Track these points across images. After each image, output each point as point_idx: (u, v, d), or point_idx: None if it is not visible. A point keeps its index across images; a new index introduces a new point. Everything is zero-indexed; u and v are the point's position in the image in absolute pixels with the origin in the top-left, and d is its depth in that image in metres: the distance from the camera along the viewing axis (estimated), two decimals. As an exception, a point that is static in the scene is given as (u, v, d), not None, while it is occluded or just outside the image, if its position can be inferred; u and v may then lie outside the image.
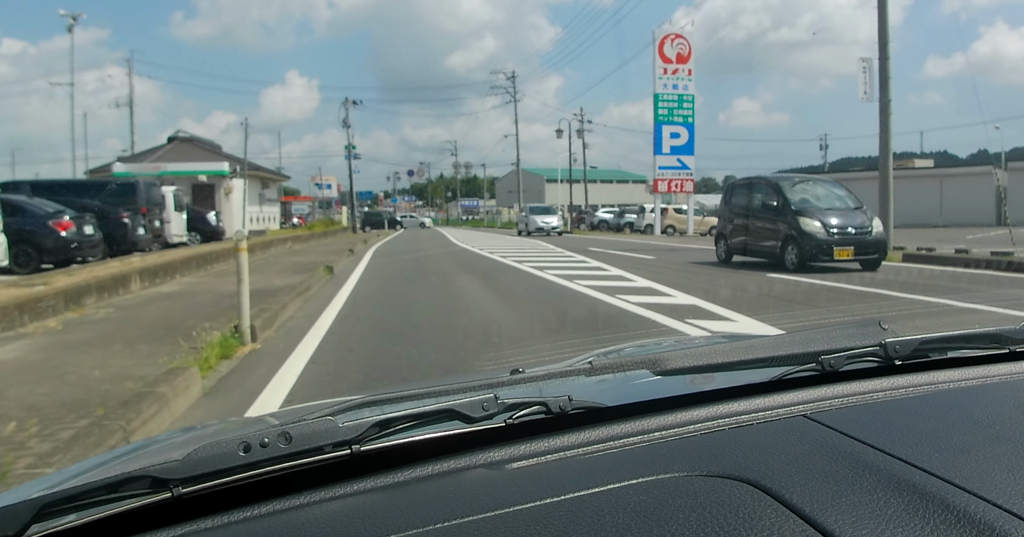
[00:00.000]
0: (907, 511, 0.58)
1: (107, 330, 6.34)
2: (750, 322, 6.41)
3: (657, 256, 15.59)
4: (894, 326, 1.06)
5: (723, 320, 6.62)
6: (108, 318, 7.14)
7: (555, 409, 0.81)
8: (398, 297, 9.61)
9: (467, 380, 0.91)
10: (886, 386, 0.93)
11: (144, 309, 7.85)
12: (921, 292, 8.27)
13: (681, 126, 32.36)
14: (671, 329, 6.19)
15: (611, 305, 7.79)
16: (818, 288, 9.04)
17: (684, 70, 32.34)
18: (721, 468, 0.68)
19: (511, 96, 55.51)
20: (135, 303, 8.38)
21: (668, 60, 31.83)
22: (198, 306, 7.88)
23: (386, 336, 6.37)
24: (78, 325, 6.69)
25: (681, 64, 32.22)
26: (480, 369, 4.92)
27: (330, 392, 4.30)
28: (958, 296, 7.91)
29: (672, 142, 32.18)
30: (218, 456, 0.68)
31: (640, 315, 6.98)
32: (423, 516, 0.62)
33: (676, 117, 32.29)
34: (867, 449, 0.71)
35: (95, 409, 3.63)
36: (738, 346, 1.00)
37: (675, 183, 32.54)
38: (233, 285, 6.29)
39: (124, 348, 5.41)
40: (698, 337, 4.91)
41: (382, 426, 0.74)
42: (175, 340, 5.51)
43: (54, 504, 0.64)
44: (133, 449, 1.17)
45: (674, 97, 32.25)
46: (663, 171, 32.27)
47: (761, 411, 0.86)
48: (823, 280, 9.77)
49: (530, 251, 18.60)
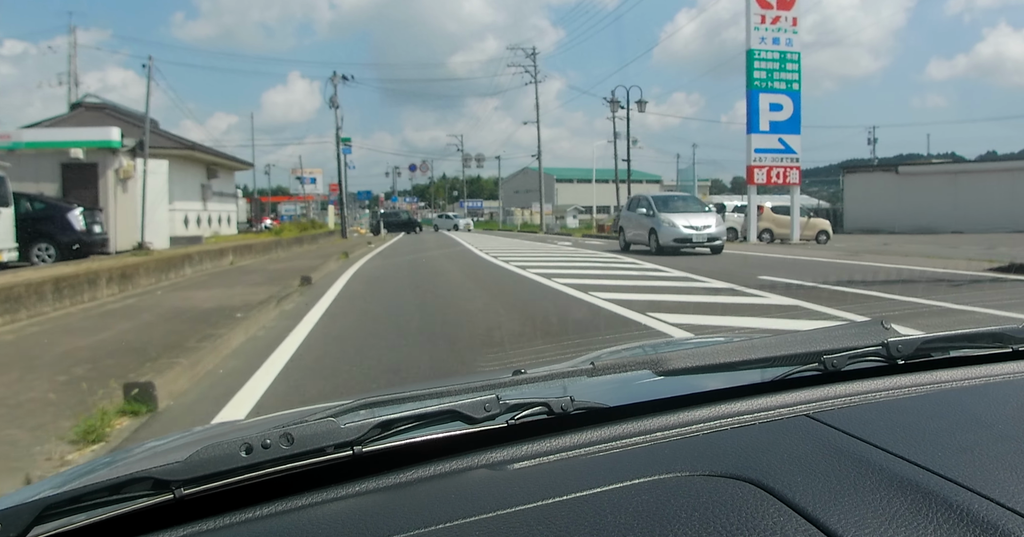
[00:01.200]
0: (910, 510, 0.58)
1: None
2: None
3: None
4: (896, 326, 1.06)
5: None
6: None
7: (557, 409, 0.81)
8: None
9: (469, 381, 0.92)
10: (889, 385, 0.93)
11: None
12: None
13: (784, 94, 23.25)
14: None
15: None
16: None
17: (788, 19, 23.45)
18: (724, 468, 0.68)
19: (531, 76, 46.62)
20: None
21: (767, 5, 22.83)
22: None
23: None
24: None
25: (784, 11, 23.31)
26: (482, 370, 4.73)
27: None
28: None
29: (772, 116, 22.97)
30: (220, 457, 0.68)
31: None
32: (425, 517, 0.62)
33: (777, 82, 22.93)
34: (870, 448, 0.71)
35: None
36: (740, 346, 1.01)
37: (776, 172, 23.17)
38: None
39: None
40: (699, 338, 4.66)
41: (384, 427, 0.74)
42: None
43: (56, 506, 0.64)
44: (135, 451, 1.18)
45: (774, 56, 22.95)
46: (760, 155, 23.00)
47: (763, 411, 0.86)
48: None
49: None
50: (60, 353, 5.47)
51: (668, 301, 7.92)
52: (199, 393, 4.51)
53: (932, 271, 10.95)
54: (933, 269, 11.27)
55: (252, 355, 5.53)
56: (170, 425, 3.82)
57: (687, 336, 5.49)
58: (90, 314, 5.46)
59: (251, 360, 5.33)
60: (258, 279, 11.24)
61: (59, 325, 6.71)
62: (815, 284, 9.17)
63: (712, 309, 7.30)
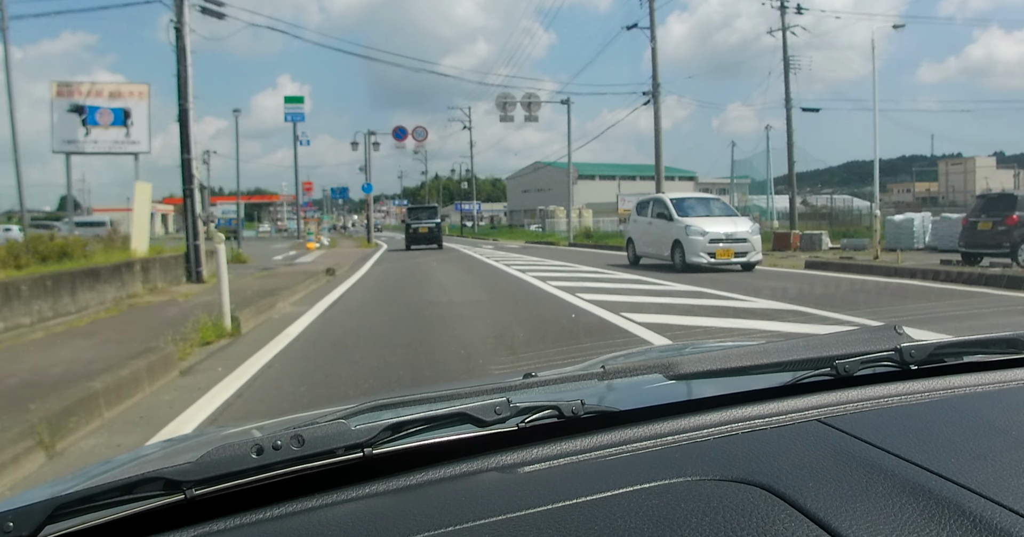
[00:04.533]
0: (922, 516, 0.58)
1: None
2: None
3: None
4: (909, 330, 1.05)
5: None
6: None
7: (567, 413, 0.81)
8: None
9: (479, 384, 0.91)
10: (901, 391, 0.93)
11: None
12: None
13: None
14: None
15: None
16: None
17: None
18: (735, 472, 0.68)
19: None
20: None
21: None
22: None
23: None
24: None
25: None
26: (492, 373, 4.63)
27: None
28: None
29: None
30: (231, 458, 0.68)
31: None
32: (435, 519, 0.62)
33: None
34: (882, 454, 0.71)
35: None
36: (752, 350, 1.00)
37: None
38: None
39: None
40: (711, 342, 4.59)
41: (394, 429, 0.74)
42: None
43: (68, 505, 0.65)
44: (147, 452, 1.19)
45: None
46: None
47: (775, 416, 0.85)
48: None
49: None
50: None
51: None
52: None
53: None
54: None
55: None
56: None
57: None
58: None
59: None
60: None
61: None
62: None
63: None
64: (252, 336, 6.88)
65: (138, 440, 3.70)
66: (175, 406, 4.38)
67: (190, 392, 4.70)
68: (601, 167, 74.14)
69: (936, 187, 56.10)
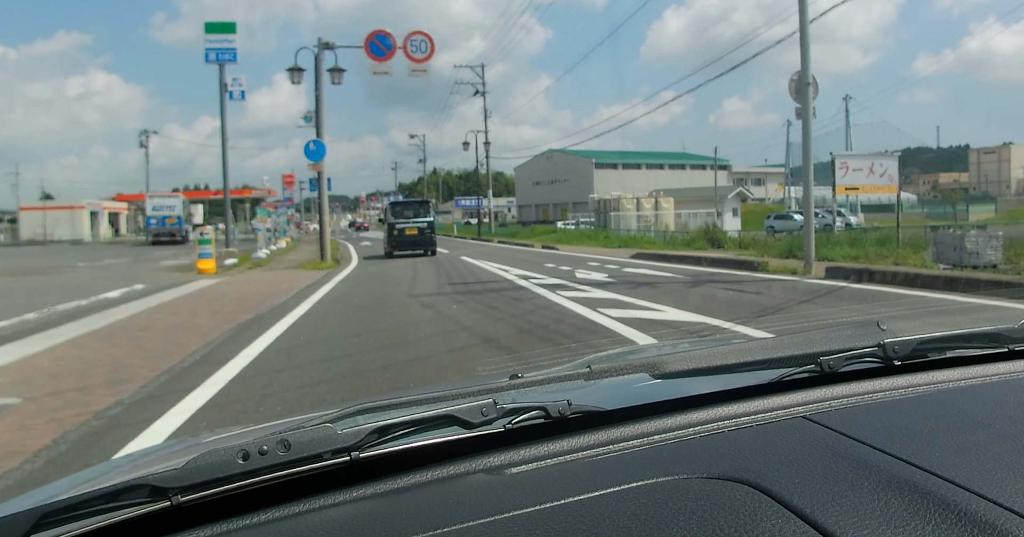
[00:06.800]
0: (908, 510, 0.58)
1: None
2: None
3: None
4: (892, 327, 1.05)
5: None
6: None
7: (554, 413, 0.81)
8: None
9: (466, 385, 0.91)
10: (885, 386, 0.93)
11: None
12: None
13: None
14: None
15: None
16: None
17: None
18: (721, 470, 0.68)
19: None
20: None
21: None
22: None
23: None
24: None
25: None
26: (479, 374, 4.73)
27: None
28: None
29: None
30: (217, 464, 0.67)
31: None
32: (423, 522, 0.62)
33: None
34: (867, 449, 0.71)
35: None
36: (736, 349, 1.01)
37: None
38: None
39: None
40: (695, 341, 4.71)
41: (381, 433, 0.74)
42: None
43: (53, 514, 0.64)
44: (132, 459, 1.17)
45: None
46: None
47: (761, 413, 0.86)
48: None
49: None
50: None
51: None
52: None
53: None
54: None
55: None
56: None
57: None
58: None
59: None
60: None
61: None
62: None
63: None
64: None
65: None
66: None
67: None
68: (625, 155, 66.55)
69: (966, 177, 53.58)
